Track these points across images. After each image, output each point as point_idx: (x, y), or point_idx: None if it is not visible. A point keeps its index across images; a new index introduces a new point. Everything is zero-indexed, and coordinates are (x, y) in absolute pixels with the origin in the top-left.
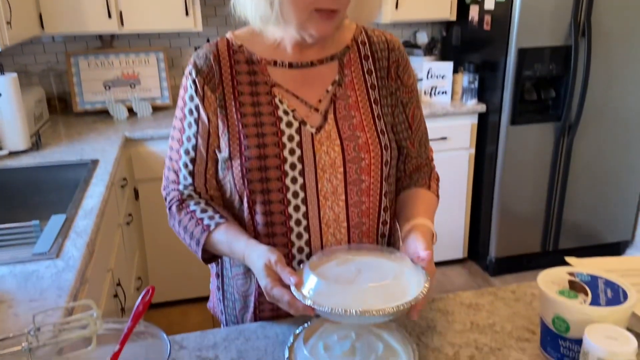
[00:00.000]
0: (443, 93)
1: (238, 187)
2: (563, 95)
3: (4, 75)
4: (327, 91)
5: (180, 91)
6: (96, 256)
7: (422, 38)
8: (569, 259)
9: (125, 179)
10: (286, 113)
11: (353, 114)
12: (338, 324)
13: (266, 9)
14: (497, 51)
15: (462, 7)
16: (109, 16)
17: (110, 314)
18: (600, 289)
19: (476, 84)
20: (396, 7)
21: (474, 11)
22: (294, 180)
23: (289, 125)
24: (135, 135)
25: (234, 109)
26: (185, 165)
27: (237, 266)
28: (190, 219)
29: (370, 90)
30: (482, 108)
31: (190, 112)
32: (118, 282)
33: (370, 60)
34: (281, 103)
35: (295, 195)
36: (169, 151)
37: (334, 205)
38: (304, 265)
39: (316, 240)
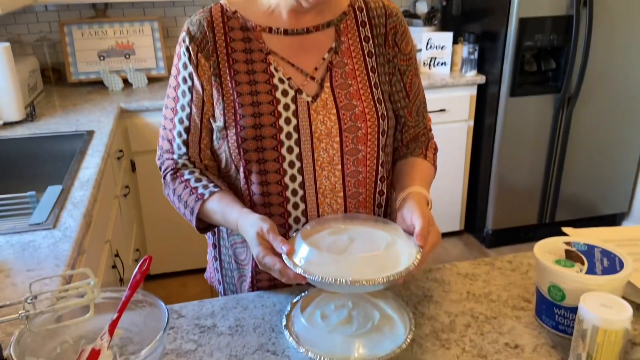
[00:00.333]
0: (442, 64)
1: (234, 157)
2: (563, 66)
3: None
4: (324, 59)
5: (174, 59)
6: (93, 227)
7: (422, 7)
8: (566, 229)
9: (121, 151)
10: (282, 81)
11: (350, 82)
12: (334, 293)
13: None
14: (498, 21)
15: None
16: None
17: (109, 285)
18: (597, 258)
19: (476, 55)
20: None
21: None
22: (290, 149)
23: (285, 93)
24: (130, 107)
25: (228, 77)
26: (179, 134)
27: (234, 235)
28: (184, 188)
29: (367, 58)
30: (482, 79)
31: (184, 80)
32: (116, 254)
33: (367, 26)
34: (276, 71)
35: (292, 165)
36: (163, 120)
37: (330, 175)
38: (296, 233)
39: (312, 210)
